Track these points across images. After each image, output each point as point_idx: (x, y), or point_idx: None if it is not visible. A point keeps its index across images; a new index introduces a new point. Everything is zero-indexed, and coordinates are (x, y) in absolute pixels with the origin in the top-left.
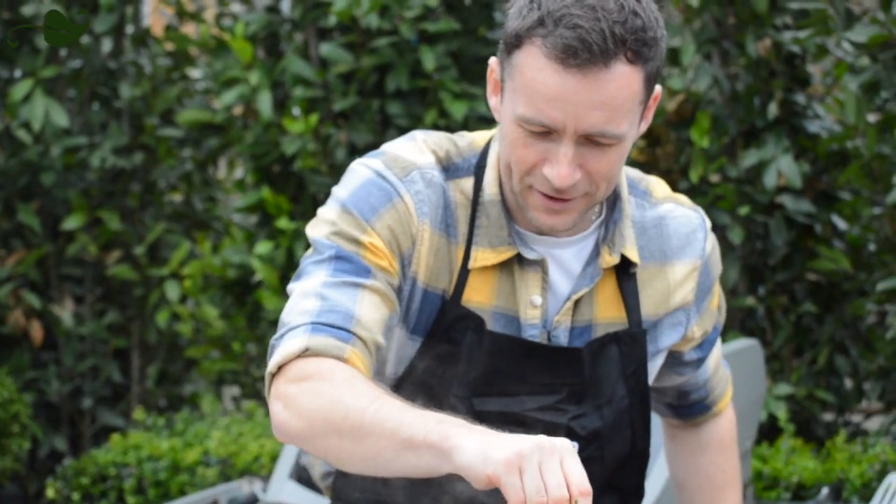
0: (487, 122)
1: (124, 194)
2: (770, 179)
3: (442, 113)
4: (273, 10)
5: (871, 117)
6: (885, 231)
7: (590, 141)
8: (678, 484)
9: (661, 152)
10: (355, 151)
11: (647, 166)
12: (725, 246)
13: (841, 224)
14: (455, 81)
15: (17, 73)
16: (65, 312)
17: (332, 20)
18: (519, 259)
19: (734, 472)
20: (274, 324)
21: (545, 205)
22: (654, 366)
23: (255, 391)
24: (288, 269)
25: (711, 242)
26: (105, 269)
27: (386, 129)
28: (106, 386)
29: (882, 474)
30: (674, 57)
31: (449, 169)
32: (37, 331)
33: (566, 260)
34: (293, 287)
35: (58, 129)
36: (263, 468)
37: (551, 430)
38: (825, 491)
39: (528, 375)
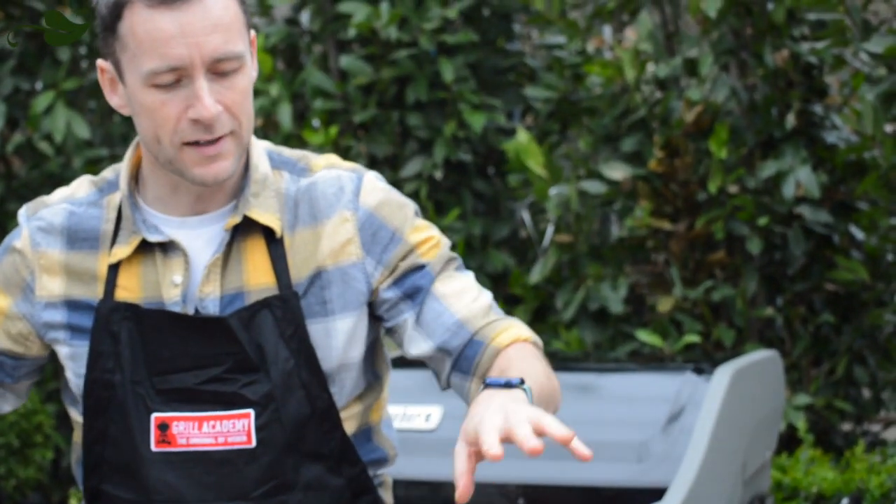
0: (506, 133)
1: None
2: (788, 190)
3: (461, 124)
4: (292, 22)
5: (888, 127)
6: None
7: (217, 74)
8: None
9: (679, 163)
10: (375, 163)
11: (665, 177)
12: (744, 256)
13: (859, 234)
14: (474, 93)
15: (39, 85)
16: None
17: (351, 32)
18: (161, 247)
19: (518, 355)
20: None
21: (200, 154)
22: (339, 324)
23: None
24: None
25: (372, 196)
26: None
27: (405, 141)
28: None
29: None
30: (692, 68)
31: (103, 189)
32: None
33: (213, 237)
34: None
35: (80, 141)
36: None
37: (225, 400)
38: (845, 501)
39: (191, 349)
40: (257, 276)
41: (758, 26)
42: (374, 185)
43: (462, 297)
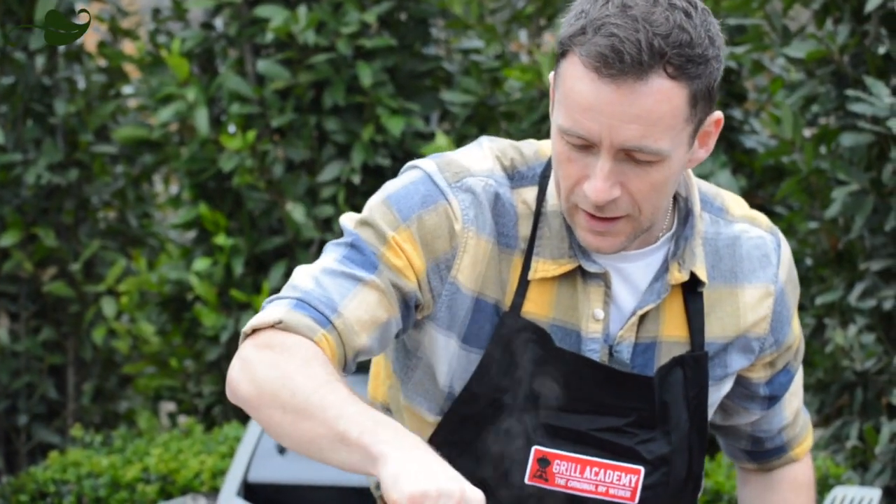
0: (424, 137)
1: (59, 211)
2: None
3: (379, 128)
4: (207, 26)
5: (806, 132)
6: (822, 245)
7: (629, 157)
8: None
9: None
10: (292, 167)
11: None
12: None
13: None
14: (392, 97)
15: None
16: (0, 329)
17: (268, 37)
18: (581, 271)
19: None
20: (212, 340)
21: (589, 225)
22: (722, 390)
23: (192, 407)
24: (226, 285)
25: (786, 271)
26: (40, 286)
27: (323, 146)
28: (41, 403)
29: (823, 487)
30: None
31: (514, 177)
32: None
33: (632, 274)
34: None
35: None
36: (204, 485)
37: (617, 451)
38: None
39: (595, 395)
40: (672, 328)
41: None
42: (788, 256)
43: (793, 400)
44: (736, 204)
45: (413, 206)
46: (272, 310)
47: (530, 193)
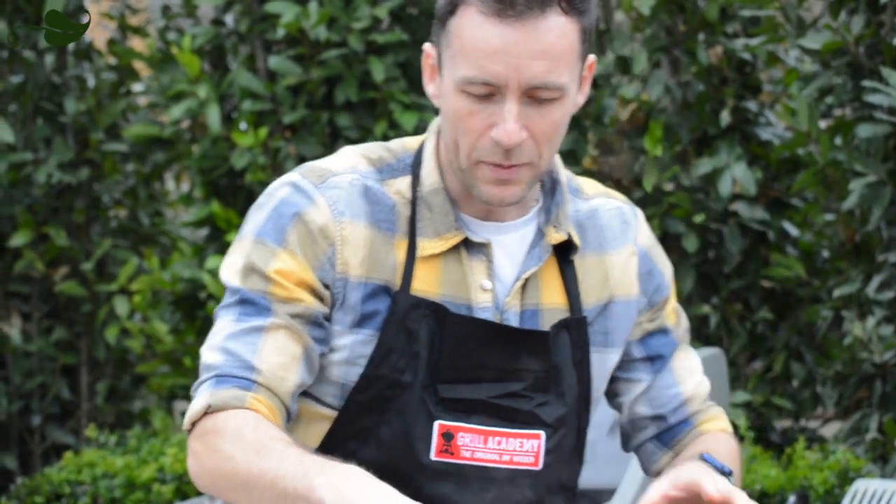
0: None
1: (70, 210)
2: (725, 187)
3: (392, 124)
4: (218, 22)
5: (822, 123)
6: (839, 237)
7: (532, 99)
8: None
9: (614, 162)
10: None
11: (601, 176)
12: (680, 254)
13: (793, 231)
14: (404, 92)
15: None
16: (12, 330)
17: (279, 32)
18: (466, 246)
19: (726, 446)
20: None
21: (494, 175)
22: (609, 361)
23: None
24: None
25: (646, 236)
26: (52, 286)
27: (335, 142)
28: (55, 403)
29: (843, 480)
30: (625, 66)
31: (382, 171)
32: None
33: (510, 245)
34: (210, 335)
35: (2, 145)
36: None
37: (518, 417)
38: (791, 499)
39: (492, 362)
40: (550, 296)
41: (691, 23)
42: (646, 226)
43: (693, 375)
44: (589, 184)
45: (282, 226)
46: (198, 398)
47: (403, 183)
